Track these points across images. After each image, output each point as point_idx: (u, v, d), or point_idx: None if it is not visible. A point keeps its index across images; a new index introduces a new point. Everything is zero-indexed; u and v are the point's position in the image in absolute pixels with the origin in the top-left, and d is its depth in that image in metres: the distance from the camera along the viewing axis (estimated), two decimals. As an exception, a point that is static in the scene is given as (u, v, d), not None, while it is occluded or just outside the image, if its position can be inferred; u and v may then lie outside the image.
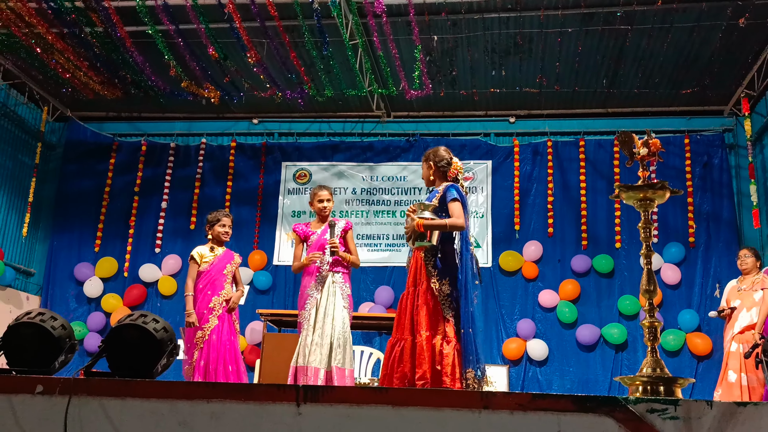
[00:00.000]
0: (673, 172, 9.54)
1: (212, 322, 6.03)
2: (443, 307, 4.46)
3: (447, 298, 4.48)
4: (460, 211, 4.53)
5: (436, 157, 4.77)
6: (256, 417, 2.48)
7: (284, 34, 8.19)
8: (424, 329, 4.42)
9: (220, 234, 6.31)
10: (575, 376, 9.11)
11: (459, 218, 4.51)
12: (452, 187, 4.65)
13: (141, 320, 2.95)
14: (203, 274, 6.16)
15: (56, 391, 2.62)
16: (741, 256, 7.08)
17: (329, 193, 5.88)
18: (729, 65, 8.79)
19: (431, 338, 4.40)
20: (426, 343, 4.38)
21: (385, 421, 2.41)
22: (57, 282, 10.26)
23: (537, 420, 2.34)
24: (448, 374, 4.30)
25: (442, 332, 4.42)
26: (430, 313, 4.46)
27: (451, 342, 4.38)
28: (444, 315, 4.45)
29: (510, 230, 9.78)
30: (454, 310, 4.48)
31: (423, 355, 4.35)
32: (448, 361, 4.32)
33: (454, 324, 4.44)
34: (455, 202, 4.56)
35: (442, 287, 4.49)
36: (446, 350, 4.35)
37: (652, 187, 3.15)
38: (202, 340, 5.96)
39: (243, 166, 10.55)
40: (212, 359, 5.94)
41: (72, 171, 10.76)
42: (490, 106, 10.27)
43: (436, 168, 4.78)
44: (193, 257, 6.20)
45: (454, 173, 4.76)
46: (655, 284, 3.18)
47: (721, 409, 2.29)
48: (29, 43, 8.41)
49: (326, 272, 5.66)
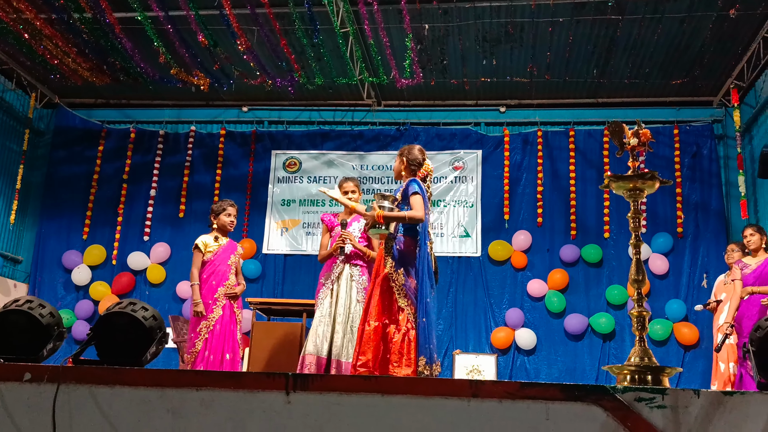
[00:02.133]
0: (663, 162, 9.58)
1: (217, 312, 5.94)
2: (398, 296, 4.58)
3: (402, 287, 4.59)
4: (420, 205, 4.66)
5: (410, 155, 4.91)
6: (245, 405, 2.48)
7: (275, 21, 8.15)
8: (374, 318, 4.56)
9: (225, 224, 6.20)
10: (563, 365, 9.16)
11: (419, 211, 4.64)
12: (414, 181, 4.79)
13: (130, 308, 2.94)
14: (208, 263, 6.05)
15: (44, 378, 2.61)
16: (728, 251, 7.12)
17: (354, 185, 5.76)
18: (719, 56, 8.82)
19: (382, 328, 4.54)
20: (374, 332, 4.52)
21: (375, 409, 2.42)
22: (45, 269, 10.22)
23: (525, 408, 2.35)
24: (393, 361, 4.44)
25: (395, 320, 4.55)
26: (383, 301, 4.60)
27: (401, 330, 4.50)
28: (398, 304, 4.57)
29: (499, 220, 9.80)
30: (410, 299, 4.58)
31: (369, 342, 4.50)
32: (395, 348, 4.46)
33: (408, 313, 4.55)
34: (416, 195, 4.69)
35: (398, 276, 4.61)
36: (396, 338, 4.49)
37: (641, 177, 3.15)
38: (206, 330, 5.88)
39: (232, 154, 10.51)
40: (217, 349, 5.89)
41: (60, 158, 10.70)
42: (481, 96, 10.27)
43: (407, 165, 4.91)
44: (197, 246, 6.06)
45: (423, 174, 4.91)
46: (644, 274, 3.20)
47: (708, 398, 2.30)
48: (17, 28, 8.33)
49: (341, 264, 5.60)
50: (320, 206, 10.13)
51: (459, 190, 9.98)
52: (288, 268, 9.99)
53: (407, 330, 4.50)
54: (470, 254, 9.73)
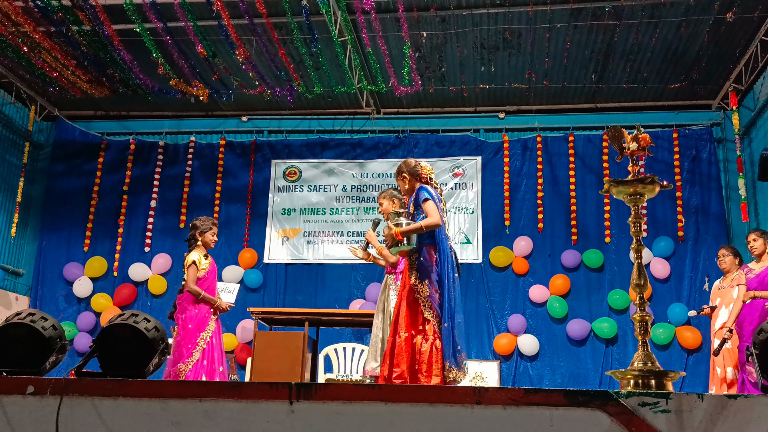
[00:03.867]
0: (662, 166, 9.58)
1: (211, 325, 6.20)
2: (423, 307, 4.68)
3: (427, 299, 4.68)
4: (434, 210, 4.72)
5: (406, 166, 5.03)
6: (249, 415, 2.48)
7: (273, 31, 8.17)
8: (404, 330, 4.67)
9: (210, 242, 6.39)
10: (566, 371, 9.14)
11: (433, 217, 4.69)
12: (422, 188, 4.87)
13: (132, 320, 2.94)
14: (202, 280, 6.25)
15: (47, 391, 2.60)
16: (720, 255, 7.06)
17: (380, 197, 5.84)
18: (717, 59, 8.83)
19: (411, 338, 4.65)
20: (405, 343, 4.63)
21: (379, 417, 2.41)
22: (46, 282, 10.21)
23: (530, 414, 2.35)
24: (423, 371, 4.55)
25: (422, 332, 4.65)
26: (410, 313, 4.70)
27: (428, 340, 4.61)
28: (424, 315, 4.67)
29: (500, 226, 9.80)
30: (435, 309, 4.67)
31: (402, 355, 4.61)
32: (424, 358, 4.57)
33: (434, 323, 4.65)
34: (427, 201, 4.75)
35: (423, 288, 4.70)
36: (423, 348, 4.60)
37: (641, 182, 3.15)
38: (204, 342, 6.08)
39: (232, 164, 10.52)
40: (216, 360, 6.11)
41: (60, 170, 10.70)
42: (480, 102, 10.28)
43: (410, 176, 4.99)
44: (194, 263, 6.21)
45: (426, 177, 4.98)
46: (646, 278, 3.19)
47: (712, 401, 2.30)
48: (16, 42, 8.36)
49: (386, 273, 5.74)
50: (321, 215, 10.14)
51: (459, 197, 9.99)
52: (289, 277, 9.98)
53: (434, 340, 4.61)
54: (471, 261, 9.72)
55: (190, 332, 6.10)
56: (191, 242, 6.33)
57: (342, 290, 9.78)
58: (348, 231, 10.05)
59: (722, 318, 6.72)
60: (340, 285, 9.81)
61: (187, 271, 6.20)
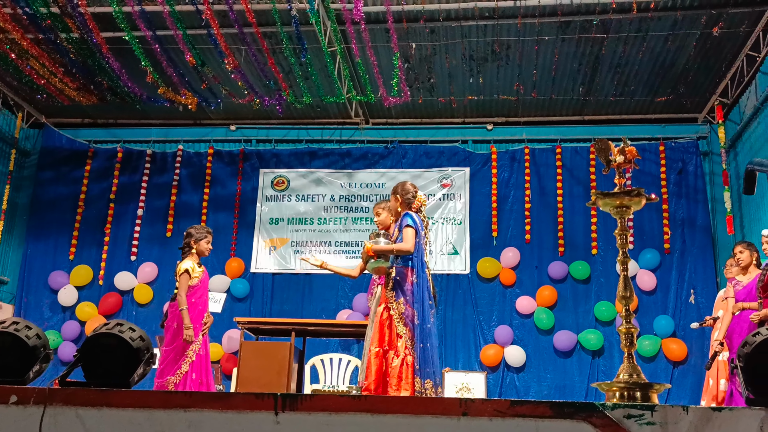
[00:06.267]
0: (649, 178, 9.64)
1: (200, 337, 6.08)
2: (397, 323, 4.89)
3: (401, 315, 4.89)
4: (409, 237, 4.96)
5: (403, 190, 5.24)
6: (234, 425, 2.46)
7: (262, 40, 8.18)
8: (375, 344, 4.88)
9: (204, 251, 6.28)
10: (552, 382, 9.15)
11: (407, 243, 4.94)
12: (407, 215, 5.09)
13: (117, 329, 2.92)
14: (194, 289, 6.10)
15: (31, 401, 2.58)
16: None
17: (377, 207, 5.78)
18: (703, 73, 8.91)
19: (382, 353, 4.85)
20: (375, 357, 4.84)
21: (365, 428, 2.41)
22: (31, 290, 10.14)
23: (515, 426, 2.35)
24: (392, 386, 4.74)
25: (394, 347, 4.85)
26: (383, 329, 4.91)
27: (399, 355, 4.80)
28: (397, 331, 4.87)
29: (488, 237, 9.83)
30: (408, 327, 4.86)
31: (370, 368, 4.83)
32: (395, 373, 4.77)
33: (406, 339, 4.84)
34: (408, 228, 4.99)
35: (398, 306, 4.92)
36: (394, 363, 4.79)
37: (628, 194, 3.16)
38: (194, 353, 5.95)
39: (220, 173, 10.50)
40: (204, 371, 6.02)
41: (47, 178, 10.65)
42: (468, 114, 10.32)
43: (402, 200, 5.21)
44: (187, 271, 6.09)
45: (418, 205, 5.21)
46: (632, 290, 3.20)
47: (697, 414, 2.31)
48: (3, 48, 8.32)
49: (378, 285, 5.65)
50: (309, 224, 10.13)
51: (447, 208, 10.00)
52: (276, 287, 9.96)
53: (405, 356, 4.78)
54: (459, 271, 9.73)
55: (179, 343, 6.01)
56: (185, 250, 6.26)
57: (329, 300, 9.76)
58: (336, 241, 10.04)
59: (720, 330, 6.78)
60: (328, 295, 9.79)
61: (179, 279, 6.11)
